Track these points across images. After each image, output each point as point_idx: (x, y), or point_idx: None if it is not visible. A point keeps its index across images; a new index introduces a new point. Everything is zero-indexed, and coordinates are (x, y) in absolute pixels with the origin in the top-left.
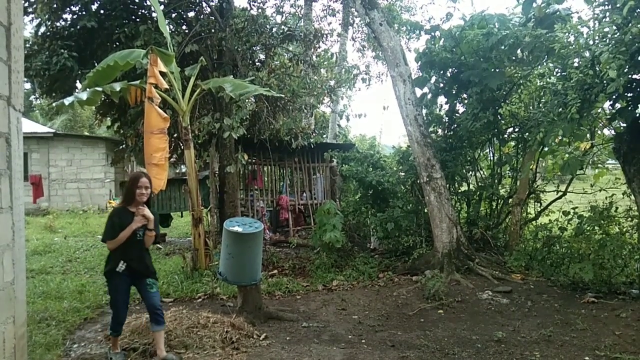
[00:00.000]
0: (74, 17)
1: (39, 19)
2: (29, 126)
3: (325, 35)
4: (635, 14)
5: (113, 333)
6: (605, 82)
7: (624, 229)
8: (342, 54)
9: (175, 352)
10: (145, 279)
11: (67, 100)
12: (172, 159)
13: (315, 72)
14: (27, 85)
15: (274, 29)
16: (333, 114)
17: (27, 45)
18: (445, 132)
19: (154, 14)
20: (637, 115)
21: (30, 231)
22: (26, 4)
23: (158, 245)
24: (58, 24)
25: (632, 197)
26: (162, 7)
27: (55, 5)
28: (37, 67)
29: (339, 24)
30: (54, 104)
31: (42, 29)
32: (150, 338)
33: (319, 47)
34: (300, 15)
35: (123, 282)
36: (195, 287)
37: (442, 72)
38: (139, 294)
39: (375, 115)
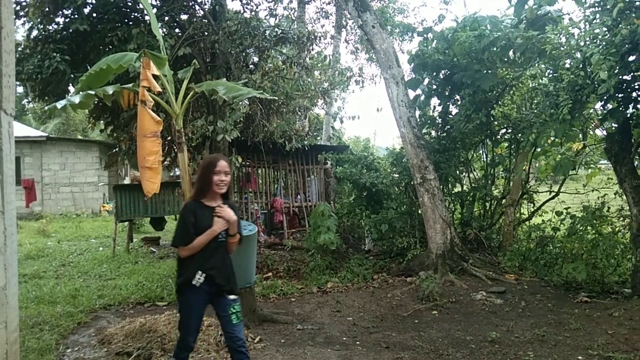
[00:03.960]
0: (66, 20)
1: (31, 23)
2: (22, 130)
3: (318, 38)
4: (625, 15)
5: None
6: (596, 83)
7: (616, 229)
8: (335, 56)
9: (169, 356)
10: (225, 299)
11: (60, 104)
12: (165, 162)
13: (309, 74)
14: (20, 89)
15: (267, 32)
16: (327, 116)
17: (19, 49)
18: (439, 133)
19: (146, 17)
20: (628, 115)
21: (23, 235)
22: (18, 8)
23: (152, 249)
24: (50, 27)
25: (624, 196)
26: (154, 10)
27: (47, 9)
28: (29, 70)
29: (332, 27)
30: (46, 108)
31: (34, 33)
32: (144, 342)
33: (313, 50)
34: (294, 18)
35: (200, 298)
36: None
37: (434, 73)
38: (215, 315)
39: (369, 117)
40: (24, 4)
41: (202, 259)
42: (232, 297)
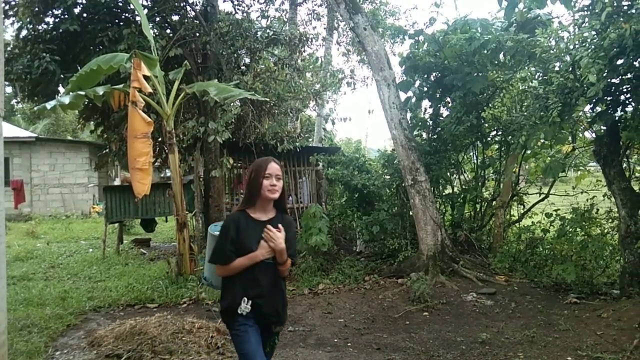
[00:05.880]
0: (56, 20)
1: (20, 22)
2: (11, 131)
3: (310, 39)
4: (613, 19)
5: None
6: (585, 86)
7: (605, 231)
8: (327, 58)
9: (160, 358)
10: (270, 332)
11: (50, 105)
12: (156, 164)
13: (301, 76)
14: (9, 89)
15: (259, 33)
16: (318, 118)
17: (8, 48)
18: (430, 135)
19: (137, 18)
20: (616, 118)
21: (12, 237)
22: (7, 7)
23: (142, 250)
24: (40, 27)
25: (613, 198)
26: (145, 10)
27: (37, 9)
28: (19, 70)
29: (324, 28)
30: (35, 108)
31: (24, 33)
32: (134, 344)
33: (304, 51)
34: (285, 20)
35: (252, 322)
36: (180, 292)
37: (425, 76)
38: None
39: (360, 119)
40: (13, 3)
41: (247, 282)
42: (277, 329)
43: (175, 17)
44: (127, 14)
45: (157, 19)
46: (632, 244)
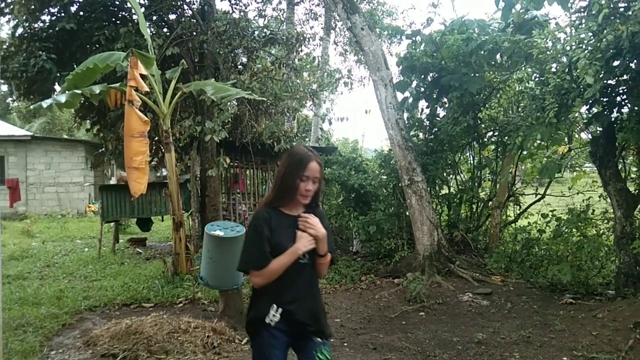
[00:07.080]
0: (53, 18)
1: (16, 20)
2: (6, 129)
3: (307, 39)
4: (610, 21)
5: None
6: (582, 87)
7: (601, 231)
8: (324, 57)
9: (156, 357)
10: (312, 342)
11: (46, 103)
12: (152, 163)
13: (298, 75)
14: (4, 88)
15: (256, 32)
16: (315, 118)
17: (4, 46)
18: (426, 135)
19: (134, 16)
20: (613, 119)
21: (7, 236)
22: (2, 5)
23: (138, 250)
24: (36, 25)
25: (608, 199)
26: (142, 9)
27: (33, 7)
28: (14, 69)
29: (321, 28)
30: (31, 107)
31: (20, 31)
32: (130, 344)
33: (301, 51)
34: (283, 19)
35: (280, 342)
36: (176, 292)
37: (423, 76)
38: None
39: (357, 119)
40: (9, 1)
41: (278, 287)
42: (319, 339)
43: (172, 16)
44: (123, 13)
45: (154, 17)
46: (628, 244)
